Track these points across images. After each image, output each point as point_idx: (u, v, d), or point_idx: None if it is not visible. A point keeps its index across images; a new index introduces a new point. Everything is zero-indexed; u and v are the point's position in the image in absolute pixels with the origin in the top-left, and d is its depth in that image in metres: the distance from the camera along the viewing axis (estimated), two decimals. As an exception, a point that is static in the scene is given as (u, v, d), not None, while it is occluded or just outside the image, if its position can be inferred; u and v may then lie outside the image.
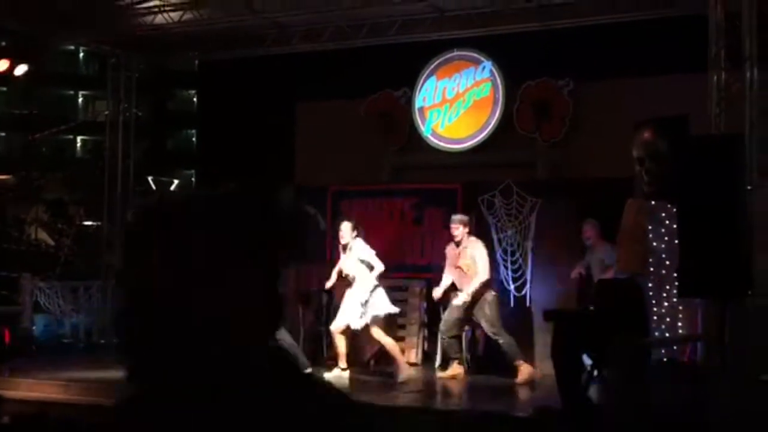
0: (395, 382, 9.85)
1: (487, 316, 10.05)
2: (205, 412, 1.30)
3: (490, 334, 10.11)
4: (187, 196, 1.47)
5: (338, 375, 10.01)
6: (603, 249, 10.02)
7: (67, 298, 13.02)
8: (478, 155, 12.63)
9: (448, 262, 10.38)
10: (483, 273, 10.03)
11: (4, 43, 14.23)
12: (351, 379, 10.01)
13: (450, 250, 10.39)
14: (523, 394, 9.53)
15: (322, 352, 11.71)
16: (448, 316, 10.29)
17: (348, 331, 10.06)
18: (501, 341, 10.01)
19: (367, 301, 9.89)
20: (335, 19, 12.43)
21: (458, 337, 10.36)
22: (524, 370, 9.89)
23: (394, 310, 10.19)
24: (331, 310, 11.85)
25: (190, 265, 1.33)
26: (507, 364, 10.02)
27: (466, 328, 10.54)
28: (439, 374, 10.39)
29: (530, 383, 9.80)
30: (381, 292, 10.03)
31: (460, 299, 10.05)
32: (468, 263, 10.09)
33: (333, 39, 12.85)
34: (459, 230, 10.22)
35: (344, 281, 10.31)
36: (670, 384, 7.70)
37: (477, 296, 10.05)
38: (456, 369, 10.26)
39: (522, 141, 12.48)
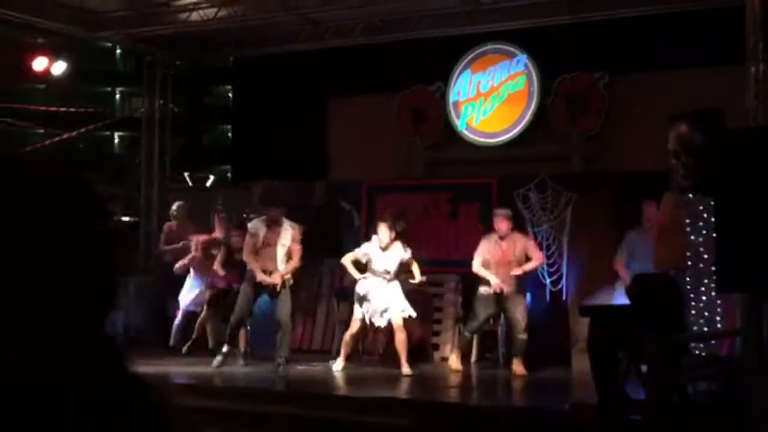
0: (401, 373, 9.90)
1: (520, 311, 10.05)
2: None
3: (520, 326, 10.07)
4: None
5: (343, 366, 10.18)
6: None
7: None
8: (513, 149, 12.59)
9: (484, 256, 10.26)
10: (539, 256, 10.22)
11: (42, 41, 14.36)
12: (388, 374, 10.03)
13: (490, 244, 10.28)
14: (559, 389, 9.48)
15: (358, 347, 11.74)
16: (480, 312, 10.25)
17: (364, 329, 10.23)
18: (523, 337, 10.03)
19: (397, 302, 10.04)
20: (367, 14, 12.43)
21: (478, 333, 10.37)
22: (520, 369, 9.97)
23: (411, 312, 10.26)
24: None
25: None
26: (511, 354, 10.18)
27: (501, 322, 10.53)
28: (453, 365, 10.39)
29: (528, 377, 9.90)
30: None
31: (528, 266, 10.10)
32: (518, 258, 10.08)
33: (366, 34, 12.86)
34: (505, 224, 10.17)
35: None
36: (707, 379, 7.63)
37: (510, 292, 10.02)
38: (455, 361, 10.29)
39: (557, 135, 12.42)
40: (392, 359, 10.23)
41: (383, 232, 10.11)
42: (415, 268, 10.26)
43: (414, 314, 10.13)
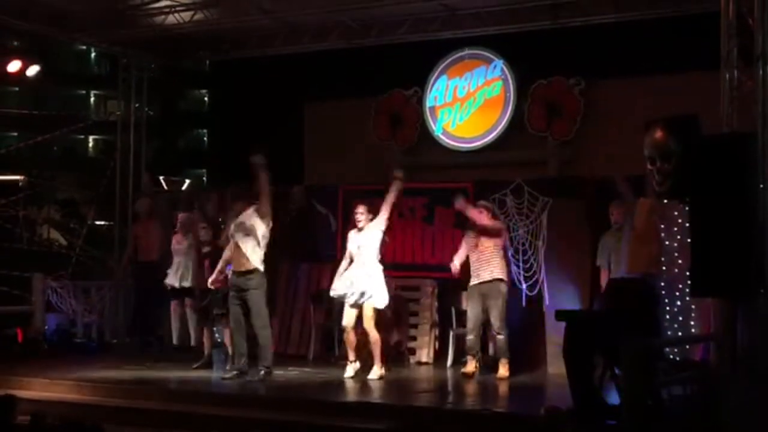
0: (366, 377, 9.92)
1: (498, 307, 10.05)
2: None
3: (494, 325, 10.09)
4: None
5: (355, 369, 10.07)
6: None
7: (79, 298, 13.05)
8: (489, 154, 12.63)
9: (466, 247, 10.36)
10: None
11: (16, 44, 14.27)
12: (361, 379, 10.01)
13: (468, 237, 10.37)
14: (534, 394, 9.51)
15: (333, 351, 11.72)
16: (471, 312, 10.25)
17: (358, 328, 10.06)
18: (500, 337, 10.07)
19: (371, 283, 9.92)
20: (345, 19, 12.43)
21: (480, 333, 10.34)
22: (505, 370, 10.01)
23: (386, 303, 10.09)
24: (342, 309, 11.86)
25: None
26: (494, 358, 10.19)
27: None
28: (463, 370, 10.32)
29: (507, 381, 9.91)
30: (383, 280, 10.04)
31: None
32: (489, 245, 10.13)
33: (343, 38, 12.86)
34: (483, 217, 10.24)
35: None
36: (681, 383, 7.67)
37: (492, 284, 10.07)
38: (474, 366, 10.24)
39: (533, 140, 12.46)
40: (364, 364, 10.21)
41: (361, 210, 10.10)
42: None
43: (382, 305, 9.97)
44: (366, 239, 10.02)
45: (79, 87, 41.46)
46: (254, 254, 9.85)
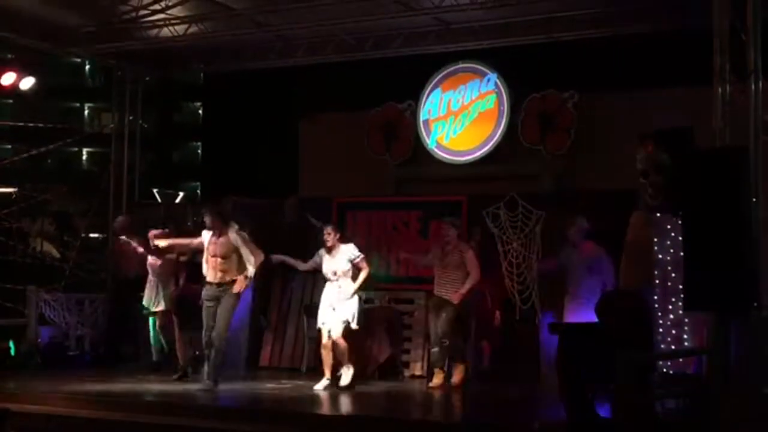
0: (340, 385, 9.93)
1: (441, 321, 10.12)
2: None
3: (440, 331, 10.13)
4: None
5: (326, 385, 10.00)
6: (587, 250, 9.94)
7: (72, 311, 13.01)
8: (483, 167, 12.65)
9: (434, 260, 10.41)
10: (475, 274, 10.12)
11: (10, 56, 14.26)
12: (355, 391, 9.99)
13: (437, 249, 10.45)
14: (528, 407, 9.50)
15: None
16: (431, 327, 10.38)
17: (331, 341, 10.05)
18: (433, 350, 10.26)
19: (347, 308, 9.96)
20: (339, 32, 12.46)
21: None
22: (434, 380, 10.12)
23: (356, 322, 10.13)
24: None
25: None
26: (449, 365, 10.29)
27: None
28: (430, 384, 10.33)
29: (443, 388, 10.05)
30: (356, 301, 10.10)
31: (465, 288, 10.11)
32: (455, 265, 10.15)
33: (337, 52, 12.89)
34: (450, 231, 10.27)
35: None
36: (674, 397, 7.67)
37: (443, 298, 10.14)
38: (441, 378, 10.26)
39: (527, 153, 12.49)
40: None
41: (330, 231, 10.11)
42: (361, 275, 10.09)
43: (356, 326, 10.02)
44: (338, 264, 10.04)
45: (73, 99, 41.48)
46: (234, 268, 9.82)
